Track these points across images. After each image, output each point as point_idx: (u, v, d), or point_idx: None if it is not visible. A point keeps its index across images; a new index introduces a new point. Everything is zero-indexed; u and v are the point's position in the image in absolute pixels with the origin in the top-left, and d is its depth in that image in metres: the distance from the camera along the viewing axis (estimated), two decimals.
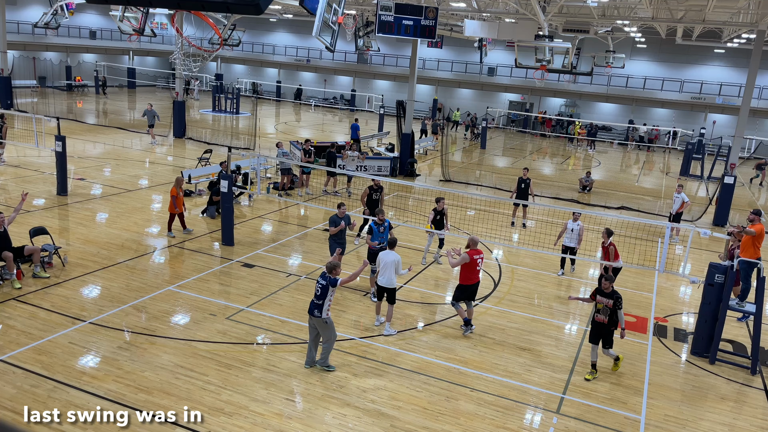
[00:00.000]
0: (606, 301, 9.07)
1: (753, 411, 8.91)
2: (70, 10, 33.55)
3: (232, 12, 9.65)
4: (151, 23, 34.06)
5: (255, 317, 10.35)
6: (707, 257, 15.93)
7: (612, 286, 9.14)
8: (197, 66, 26.03)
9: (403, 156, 24.17)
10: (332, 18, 10.92)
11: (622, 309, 9.12)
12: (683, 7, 21.60)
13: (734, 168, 19.59)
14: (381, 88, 49.75)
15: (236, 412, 7.68)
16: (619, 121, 43.48)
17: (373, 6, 24.87)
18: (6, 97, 30.62)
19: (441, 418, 7.97)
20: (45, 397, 7.64)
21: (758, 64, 19.17)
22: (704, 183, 28.48)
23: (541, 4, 20.38)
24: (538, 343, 10.38)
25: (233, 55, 51.22)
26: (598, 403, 8.64)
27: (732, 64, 40.43)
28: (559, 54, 24.60)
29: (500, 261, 14.63)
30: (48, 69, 45.66)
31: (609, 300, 9.03)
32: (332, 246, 11.90)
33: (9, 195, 16.42)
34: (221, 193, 14.00)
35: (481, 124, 35.85)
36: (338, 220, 11.90)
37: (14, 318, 9.64)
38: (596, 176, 26.48)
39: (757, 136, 37.38)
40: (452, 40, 43.25)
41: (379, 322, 10.46)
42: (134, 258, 12.68)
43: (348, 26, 28.55)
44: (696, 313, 11.63)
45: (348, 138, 27.46)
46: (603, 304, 9.10)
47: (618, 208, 21.11)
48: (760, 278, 9.80)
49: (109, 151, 23.82)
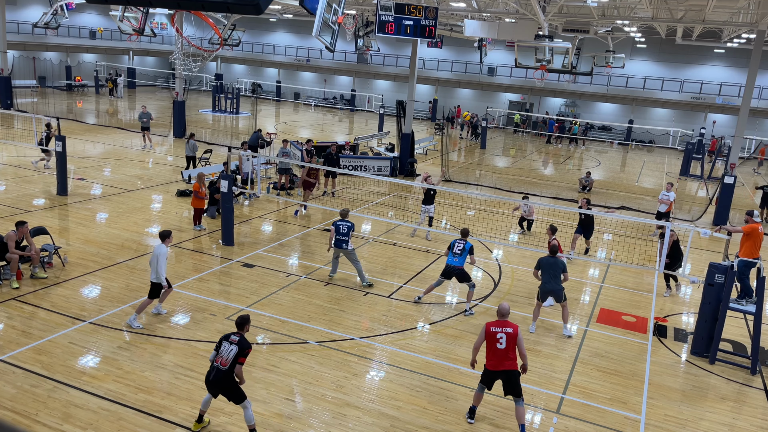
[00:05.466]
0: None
1: (753, 411, 8.91)
2: (70, 10, 33.56)
3: (232, 12, 9.63)
4: (151, 23, 34.06)
5: (255, 317, 10.34)
6: (707, 257, 15.94)
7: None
8: (197, 66, 26.00)
9: (403, 156, 24.17)
10: (332, 18, 10.92)
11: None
12: (683, 7, 21.61)
13: (734, 168, 19.60)
14: (381, 88, 49.76)
15: (236, 412, 7.67)
16: (619, 121, 43.52)
17: (373, 6, 24.87)
18: (6, 97, 30.64)
19: (441, 418, 7.96)
20: (45, 397, 7.64)
21: (758, 64, 19.17)
22: (704, 183, 28.49)
23: (541, 4, 20.38)
24: (538, 343, 10.37)
25: (233, 55, 51.22)
26: (598, 403, 8.64)
27: (732, 64, 40.45)
28: (559, 54, 24.58)
29: (500, 261, 14.63)
30: (48, 69, 45.68)
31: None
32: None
33: (9, 195, 16.42)
34: (221, 193, 14.01)
35: (481, 124, 35.87)
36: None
37: (14, 318, 9.64)
38: (596, 176, 26.48)
39: (757, 136, 37.41)
40: (452, 40, 43.27)
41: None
42: (134, 258, 12.68)
43: (348, 26, 28.56)
44: (696, 313, 11.63)
45: (347, 138, 27.43)
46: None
47: (618, 208, 21.11)
48: (760, 278, 9.81)
49: (109, 151, 23.82)
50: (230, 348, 6.87)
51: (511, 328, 7.59)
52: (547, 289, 10.54)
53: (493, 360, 7.62)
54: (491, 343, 7.60)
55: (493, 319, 8.04)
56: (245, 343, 6.92)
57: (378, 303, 11.43)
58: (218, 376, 6.87)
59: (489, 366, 7.68)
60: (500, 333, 7.55)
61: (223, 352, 6.89)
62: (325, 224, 16.50)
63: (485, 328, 7.65)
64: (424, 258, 14.27)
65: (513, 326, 7.63)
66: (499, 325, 7.63)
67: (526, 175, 27.09)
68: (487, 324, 7.67)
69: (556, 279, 10.42)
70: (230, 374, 6.85)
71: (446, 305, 11.69)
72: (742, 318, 11.86)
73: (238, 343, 6.88)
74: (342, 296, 11.60)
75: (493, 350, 7.60)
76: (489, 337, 7.61)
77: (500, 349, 7.54)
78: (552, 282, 10.44)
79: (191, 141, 20.27)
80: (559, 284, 10.44)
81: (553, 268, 10.44)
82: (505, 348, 7.54)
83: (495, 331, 7.58)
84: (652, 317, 11.93)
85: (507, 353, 7.56)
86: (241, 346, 6.87)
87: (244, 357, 6.87)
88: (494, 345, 7.58)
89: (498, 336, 7.55)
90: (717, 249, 16.98)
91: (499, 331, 7.57)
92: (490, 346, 7.63)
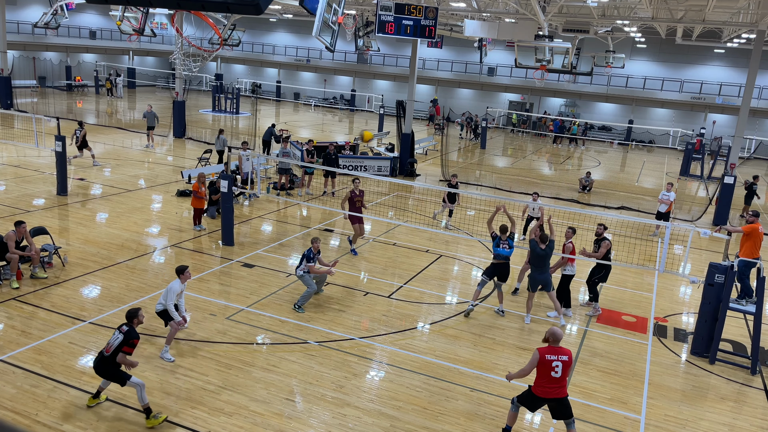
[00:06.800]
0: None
1: (753, 411, 8.91)
2: (70, 10, 33.55)
3: (232, 12, 9.63)
4: (151, 23, 34.05)
5: (255, 317, 10.35)
6: (707, 257, 15.95)
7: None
8: (197, 66, 26.01)
9: (403, 156, 24.18)
10: (332, 18, 10.92)
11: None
12: (683, 7, 21.60)
13: (734, 168, 19.60)
14: (381, 88, 49.76)
15: (236, 412, 7.68)
16: (619, 121, 43.52)
17: (373, 6, 24.87)
18: (6, 97, 30.64)
19: (441, 418, 7.96)
20: (45, 397, 7.64)
21: (758, 64, 19.17)
22: (704, 183, 28.49)
23: (541, 4, 20.37)
24: (538, 343, 10.36)
25: (233, 55, 51.21)
26: (598, 403, 8.64)
27: (732, 64, 40.45)
28: (559, 54, 24.58)
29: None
30: (48, 69, 45.68)
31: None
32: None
33: (9, 195, 16.42)
34: (221, 193, 14.02)
35: (481, 124, 35.87)
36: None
37: (14, 318, 9.64)
38: (596, 176, 26.48)
39: (757, 136, 37.41)
40: (452, 40, 43.26)
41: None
42: (134, 258, 12.68)
43: (348, 26, 28.55)
44: (696, 313, 11.63)
45: (348, 138, 27.46)
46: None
47: (618, 208, 21.12)
48: (760, 278, 9.81)
49: (109, 151, 23.82)
50: (117, 336, 7.33)
51: (567, 356, 7.01)
52: (536, 280, 10.89)
53: (545, 387, 7.05)
54: (545, 370, 6.99)
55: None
56: (131, 334, 7.34)
57: (378, 303, 11.43)
58: (97, 361, 7.39)
59: (539, 392, 7.11)
60: (556, 362, 6.95)
61: (111, 339, 7.38)
62: (325, 224, 16.50)
63: (538, 355, 7.00)
64: (424, 258, 14.27)
65: (567, 353, 7.05)
66: (554, 352, 6.98)
67: (526, 175, 27.09)
68: (540, 351, 7.02)
69: (544, 269, 10.82)
70: (111, 360, 7.25)
71: (446, 305, 11.69)
72: (742, 318, 11.85)
73: (125, 333, 7.31)
74: (342, 296, 11.60)
75: (547, 378, 7.00)
76: (543, 365, 6.99)
77: (555, 377, 6.97)
78: (539, 272, 10.84)
79: (221, 137, 21.28)
80: (547, 275, 10.83)
81: (543, 260, 10.77)
82: (561, 376, 6.99)
83: (550, 359, 6.95)
84: (652, 317, 11.93)
85: (561, 381, 7.01)
86: (126, 336, 7.30)
87: (130, 347, 7.30)
88: (548, 373, 6.96)
89: (554, 365, 6.94)
90: (717, 249, 16.99)
91: (554, 359, 6.95)
92: (542, 372, 7.02)
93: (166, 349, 8.89)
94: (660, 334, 11.17)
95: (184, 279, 9.04)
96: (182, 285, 9.06)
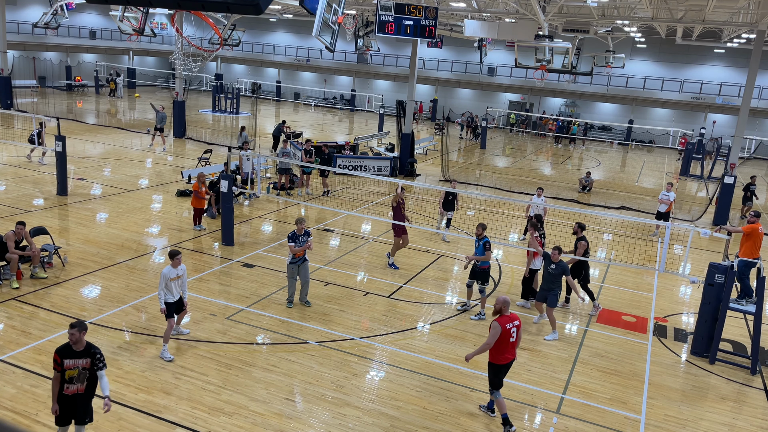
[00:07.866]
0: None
1: (753, 411, 8.91)
2: (70, 10, 33.56)
3: (232, 12, 9.63)
4: (151, 23, 34.06)
5: (255, 317, 10.35)
6: (707, 257, 15.95)
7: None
8: (197, 66, 26.01)
9: (403, 156, 24.18)
10: (332, 18, 10.92)
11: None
12: (683, 7, 21.61)
13: (734, 168, 19.60)
14: (381, 88, 49.77)
15: (236, 412, 7.68)
16: (619, 121, 43.53)
17: (373, 6, 24.87)
18: (6, 97, 30.63)
19: (441, 418, 7.97)
20: (45, 397, 7.63)
21: (758, 64, 19.17)
22: (704, 183, 28.49)
23: (541, 4, 20.38)
24: (538, 343, 10.37)
25: (233, 55, 51.23)
26: (598, 403, 8.64)
27: (732, 64, 40.46)
28: (559, 54, 24.58)
29: (500, 261, 14.63)
30: (48, 69, 45.68)
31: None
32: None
33: (9, 195, 16.42)
34: (221, 193, 14.01)
35: (481, 124, 35.87)
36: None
37: (14, 318, 9.64)
38: (596, 176, 26.48)
39: (757, 136, 37.41)
40: (452, 40, 43.27)
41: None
42: (134, 258, 12.68)
43: (348, 26, 28.55)
44: (696, 313, 11.63)
45: (348, 138, 27.51)
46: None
47: (618, 208, 21.12)
48: (760, 278, 9.81)
49: (109, 151, 23.82)
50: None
51: (518, 320, 7.76)
52: (543, 294, 10.81)
53: (505, 354, 7.65)
54: (505, 338, 7.56)
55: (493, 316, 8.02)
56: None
57: (378, 303, 11.43)
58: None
59: (501, 360, 7.67)
60: (513, 327, 7.65)
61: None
62: (325, 224, 16.50)
63: (500, 326, 7.50)
64: (424, 258, 14.27)
65: (517, 317, 7.80)
66: (509, 320, 7.63)
67: (526, 175, 27.09)
68: (500, 321, 7.55)
69: (552, 286, 10.60)
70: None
71: (446, 305, 11.69)
72: (742, 318, 11.85)
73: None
74: (342, 296, 11.59)
75: (506, 344, 7.59)
76: (503, 334, 7.53)
77: (512, 342, 7.68)
78: (546, 287, 10.69)
79: (243, 133, 21.82)
80: (555, 291, 10.58)
81: (553, 278, 10.61)
82: (516, 339, 7.73)
83: (509, 327, 7.59)
84: (652, 317, 11.93)
85: (516, 343, 7.77)
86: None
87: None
88: (507, 339, 7.59)
89: (512, 331, 7.64)
90: (717, 249, 16.99)
91: (511, 326, 7.63)
92: (502, 340, 7.55)
93: (165, 348, 8.88)
94: (660, 334, 11.17)
95: (176, 264, 8.84)
96: (175, 270, 8.84)
